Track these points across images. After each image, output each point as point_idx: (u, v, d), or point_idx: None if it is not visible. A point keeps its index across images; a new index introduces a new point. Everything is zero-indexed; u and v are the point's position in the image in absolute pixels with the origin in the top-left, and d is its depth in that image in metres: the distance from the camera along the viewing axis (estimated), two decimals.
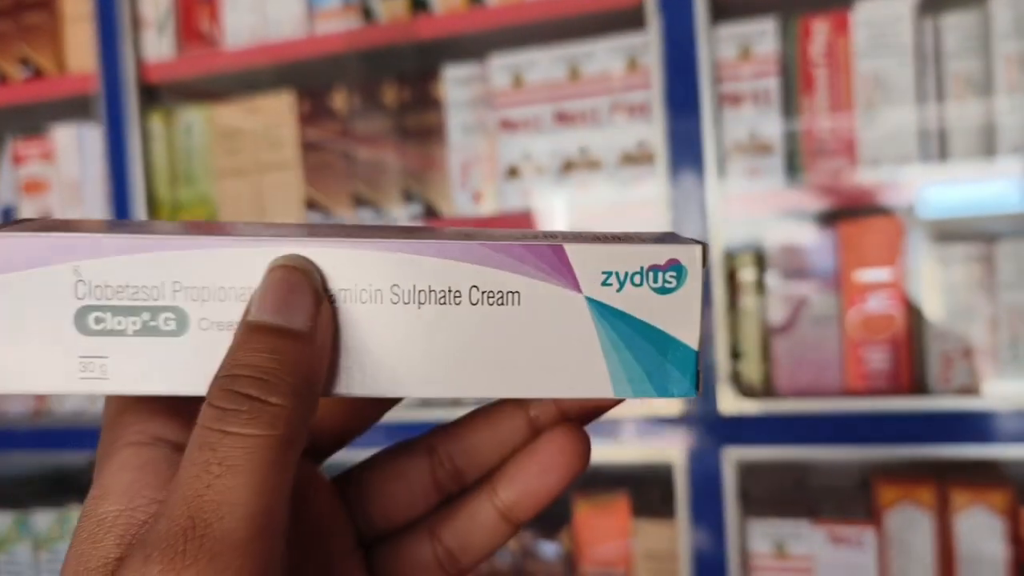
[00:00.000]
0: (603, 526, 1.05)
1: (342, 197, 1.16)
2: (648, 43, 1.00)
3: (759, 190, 0.99)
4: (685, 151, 0.97)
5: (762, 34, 0.98)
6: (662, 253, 0.22)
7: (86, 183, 1.30)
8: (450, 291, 0.22)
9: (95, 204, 1.29)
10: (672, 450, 0.98)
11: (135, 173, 1.22)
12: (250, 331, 0.20)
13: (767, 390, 1.01)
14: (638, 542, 1.04)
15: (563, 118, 1.05)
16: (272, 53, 1.17)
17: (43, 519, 1.34)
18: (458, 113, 1.10)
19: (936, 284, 0.95)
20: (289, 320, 0.20)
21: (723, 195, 0.98)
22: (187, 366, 0.22)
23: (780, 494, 1.09)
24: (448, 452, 0.26)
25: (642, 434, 0.99)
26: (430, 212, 1.13)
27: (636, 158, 1.03)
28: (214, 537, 0.17)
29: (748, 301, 1.00)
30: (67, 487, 1.50)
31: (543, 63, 1.06)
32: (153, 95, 1.25)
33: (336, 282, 0.22)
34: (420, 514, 0.26)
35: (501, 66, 1.07)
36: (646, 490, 1.10)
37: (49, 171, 1.32)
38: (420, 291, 0.22)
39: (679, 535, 0.98)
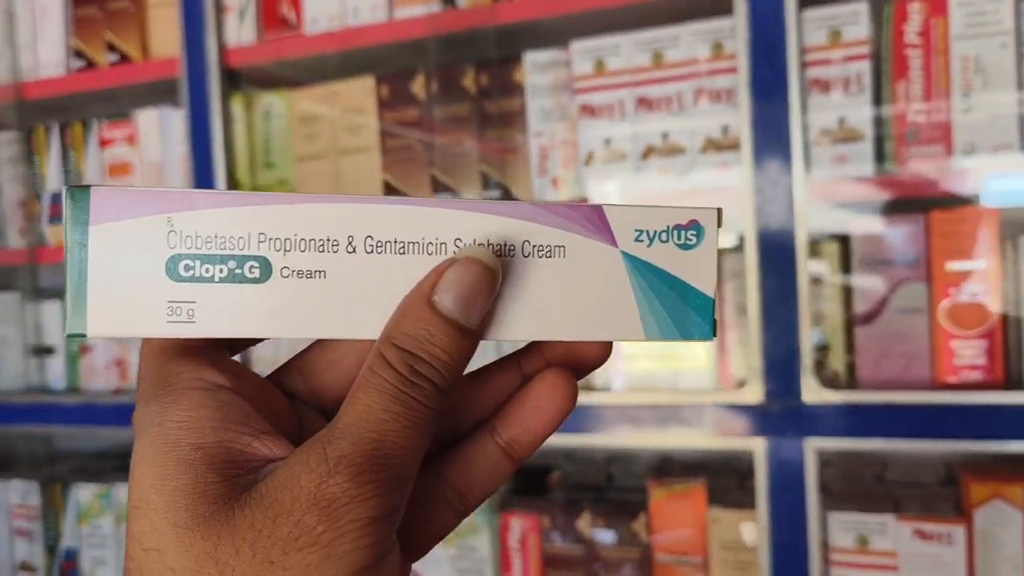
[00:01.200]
0: (679, 513, 1.05)
1: (420, 183, 1.16)
2: (735, 27, 0.98)
3: (847, 177, 0.97)
4: (771, 137, 0.96)
5: (854, 16, 0.95)
6: (684, 214, 0.26)
7: (168, 165, 1.33)
8: (506, 245, 0.25)
9: (176, 186, 1.32)
10: (753, 439, 0.97)
11: (217, 156, 1.24)
12: (436, 319, 0.23)
13: (851, 381, 0.99)
14: (715, 531, 1.03)
15: (645, 104, 1.04)
16: (351, 38, 1.18)
17: (126, 492, 1.38)
18: (538, 98, 1.10)
19: None
20: (469, 320, 0.23)
21: (809, 182, 0.97)
22: (269, 311, 0.24)
23: (858, 487, 1.08)
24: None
25: (722, 422, 0.98)
26: (508, 199, 1.13)
27: (720, 144, 1.02)
28: (391, 468, 0.21)
29: (832, 291, 0.99)
30: None
31: (626, 48, 1.05)
32: (234, 80, 1.27)
33: (408, 236, 0.25)
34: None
35: (583, 51, 1.07)
36: (724, 478, 1.10)
37: (133, 153, 1.36)
38: (481, 245, 0.25)
39: (759, 525, 0.97)
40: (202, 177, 1.26)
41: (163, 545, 0.21)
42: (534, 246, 0.25)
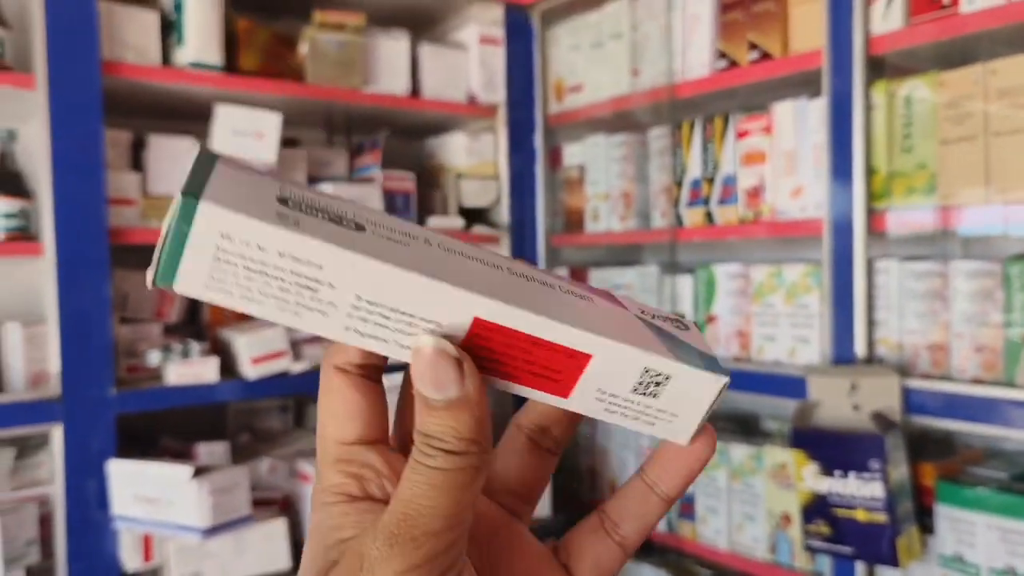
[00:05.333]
0: None
1: None
2: None
3: None
4: None
5: None
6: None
7: (800, 153, 1.41)
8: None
9: (807, 172, 1.40)
10: None
11: (856, 142, 1.28)
12: (420, 404, 0.26)
13: None
14: None
15: None
16: (1013, 14, 1.11)
17: (739, 453, 1.52)
18: None
19: None
20: (448, 394, 0.25)
21: None
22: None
23: None
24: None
25: None
26: None
27: None
28: (419, 526, 0.25)
29: None
30: (754, 430, 1.67)
31: None
32: (875, 67, 1.29)
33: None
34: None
35: None
36: None
37: (767, 143, 1.47)
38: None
39: None
40: (839, 162, 1.31)
41: None
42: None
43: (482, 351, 0.26)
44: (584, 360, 0.27)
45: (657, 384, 0.27)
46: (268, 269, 0.24)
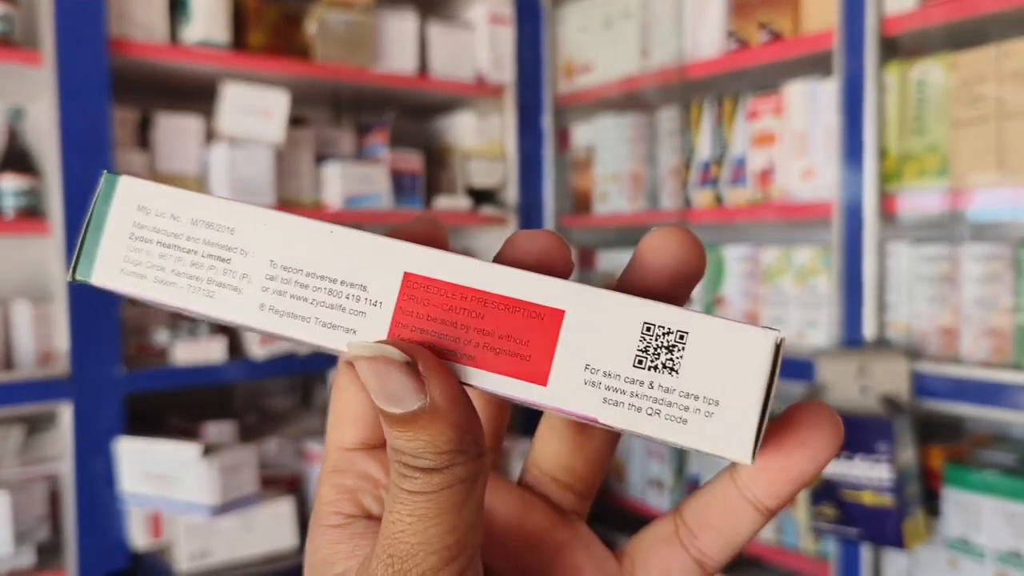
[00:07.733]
0: None
1: None
2: None
3: None
4: None
5: None
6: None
7: (812, 135, 1.40)
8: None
9: (818, 154, 1.39)
10: None
11: (868, 124, 1.27)
12: (384, 419, 0.20)
13: None
14: None
15: None
16: None
17: None
18: None
19: None
20: (404, 406, 0.20)
21: None
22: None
23: None
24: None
25: None
26: None
27: None
28: (408, 570, 0.20)
29: None
30: None
31: None
32: (889, 48, 1.28)
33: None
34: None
35: None
36: None
37: (778, 124, 1.46)
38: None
39: None
40: (850, 144, 1.30)
41: None
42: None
43: (425, 323, 0.21)
44: (555, 320, 0.20)
45: (670, 350, 0.19)
46: (181, 242, 0.23)
